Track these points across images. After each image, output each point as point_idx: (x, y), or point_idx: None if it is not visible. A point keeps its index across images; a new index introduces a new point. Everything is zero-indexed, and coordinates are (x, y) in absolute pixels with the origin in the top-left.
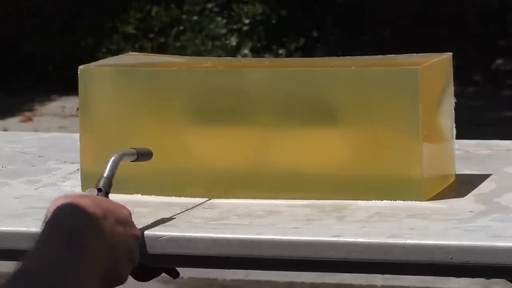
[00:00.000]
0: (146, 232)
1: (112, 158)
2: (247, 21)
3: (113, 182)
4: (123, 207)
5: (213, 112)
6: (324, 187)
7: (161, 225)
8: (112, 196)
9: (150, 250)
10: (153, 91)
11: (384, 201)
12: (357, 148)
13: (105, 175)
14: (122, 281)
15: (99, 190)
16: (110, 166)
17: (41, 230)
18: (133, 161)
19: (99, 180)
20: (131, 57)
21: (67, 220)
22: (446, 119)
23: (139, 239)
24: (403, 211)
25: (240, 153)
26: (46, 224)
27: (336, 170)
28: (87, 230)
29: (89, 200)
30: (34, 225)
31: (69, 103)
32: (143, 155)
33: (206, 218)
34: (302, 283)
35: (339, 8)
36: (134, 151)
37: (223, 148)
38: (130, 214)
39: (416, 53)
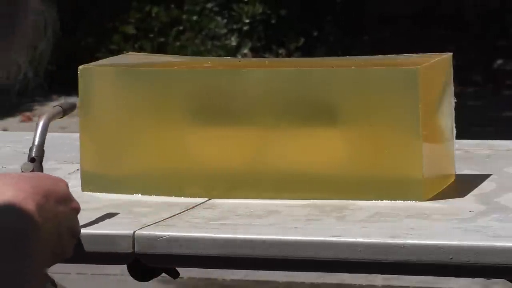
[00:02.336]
0: (146, 232)
1: (41, 124)
2: (247, 21)
3: (116, 181)
4: (59, 180)
5: (213, 112)
6: (324, 187)
7: (161, 225)
8: (112, 196)
9: (150, 250)
10: (153, 91)
11: (384, 201)
12: (357, 148)
13: (36, 143)
14: (67, 255)
15: (33, 160)
16: (40, 132)
17: None
18: (62, 117)
19: (30, 149)
20: (131, 57)
21: (8, 223)
22: (446, 119)
23: (79, 210)
24: (403, 211)
25: (240, 153)
26: None
27: (336, 170)
28: (31, 225)
29: (29, 186)
30: None
31: None
32: (69, 109)
33: (206, 218)
34: (302, 283)
35: (339, 7)
36: (59, 108)
37: (223, 148)
38: (67, 186)
39: (416, 53)
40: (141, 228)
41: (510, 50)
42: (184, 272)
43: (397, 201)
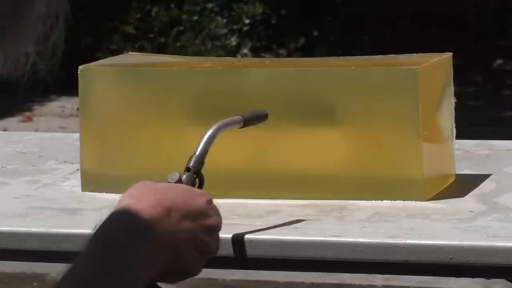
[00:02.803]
0: None
1: (208, 133)
2: (247, 21)
3: (116, 181)
4: (199, 195)
5: (213, 112)
6: (324, 187)
7: None
8: (111, 196)
9: None
10: (153, 91)
11: (384, 201)
12: (357, 148)
13: (197, 153)
14: (194, 273)
15: (187, 169)
16: (204, 142)
17: (94, 230)
18: (241, 127)
19: (190, 158)
20: (131, 57)
21: (112, 231)
22: (446, 119)
23: (213, 228)
24: (403, 211)
25: (240, 153)
26: (96, 230)
27: (336, 170)
28: (143, 235)
29: (153, 197)
30: (34, 225)
31: (69, 103)
32: (253, 119)
33: None
34: (302, 283)
35: (339, 7)
36: (240, 118)
37: (223, 148)
38: (207, 202)
39: (416, 53)
40: None
41: (510, 50)
42: None
43: (397, 201)
